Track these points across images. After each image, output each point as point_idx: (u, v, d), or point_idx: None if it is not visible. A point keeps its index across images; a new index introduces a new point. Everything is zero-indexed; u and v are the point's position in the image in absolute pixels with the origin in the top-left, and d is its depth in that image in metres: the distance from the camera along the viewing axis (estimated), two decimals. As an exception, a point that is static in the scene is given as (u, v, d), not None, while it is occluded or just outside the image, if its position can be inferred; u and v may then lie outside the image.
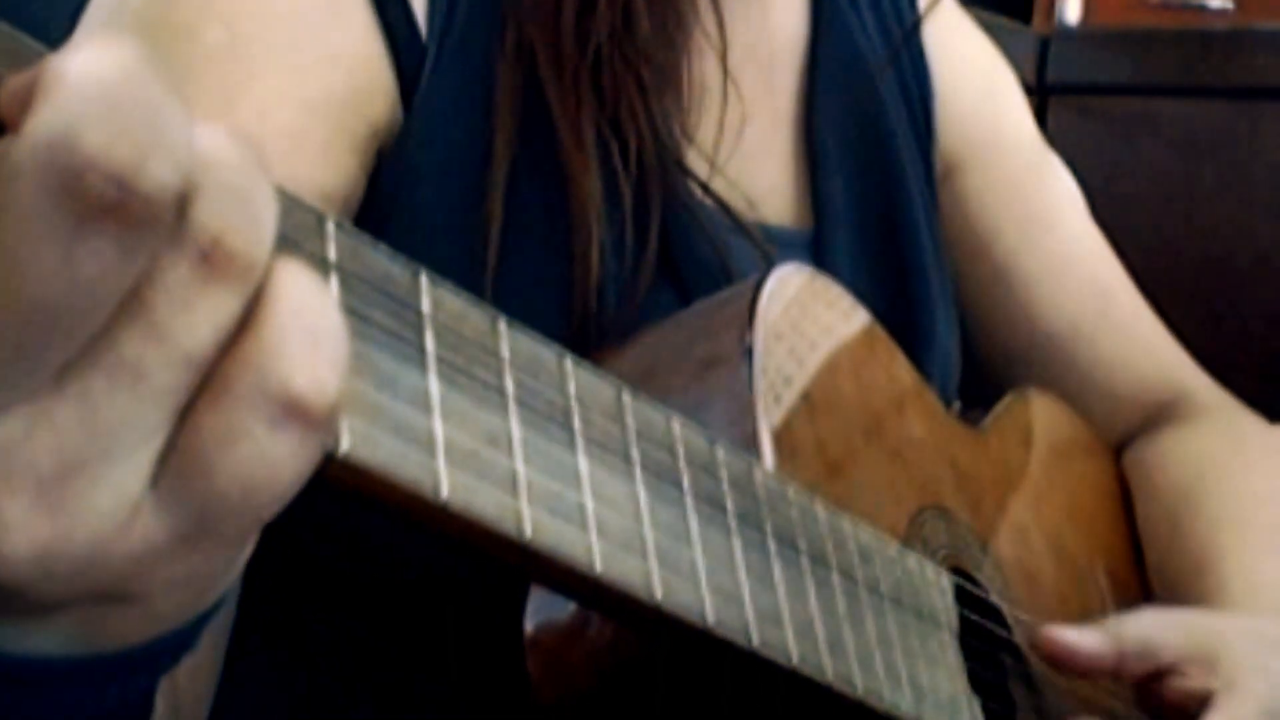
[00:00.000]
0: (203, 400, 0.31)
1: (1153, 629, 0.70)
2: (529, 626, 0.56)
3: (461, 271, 0.67)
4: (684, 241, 0.73)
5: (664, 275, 0.72)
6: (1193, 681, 0.68)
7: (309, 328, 0.32)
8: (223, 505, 0.31)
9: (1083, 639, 0.69)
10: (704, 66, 0.77)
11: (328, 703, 0.73)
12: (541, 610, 0.56)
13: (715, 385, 0.62)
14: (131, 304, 0.30)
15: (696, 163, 0.75)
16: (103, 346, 0.30)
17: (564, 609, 0.56)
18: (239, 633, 0.64)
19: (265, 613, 0.70)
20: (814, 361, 0.66)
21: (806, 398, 0.64)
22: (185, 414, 0.31)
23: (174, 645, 0.36)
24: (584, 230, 0.69)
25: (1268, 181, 1.41)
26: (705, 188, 0.75)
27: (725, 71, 0.77)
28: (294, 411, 0.31)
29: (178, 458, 0.31)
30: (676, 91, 0.74)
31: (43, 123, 0.28)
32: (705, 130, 0.76)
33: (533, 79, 0.71)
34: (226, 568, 0.35)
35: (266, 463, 0.31)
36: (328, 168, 0.66)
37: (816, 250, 0.81)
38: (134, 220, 0.28)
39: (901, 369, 0.75)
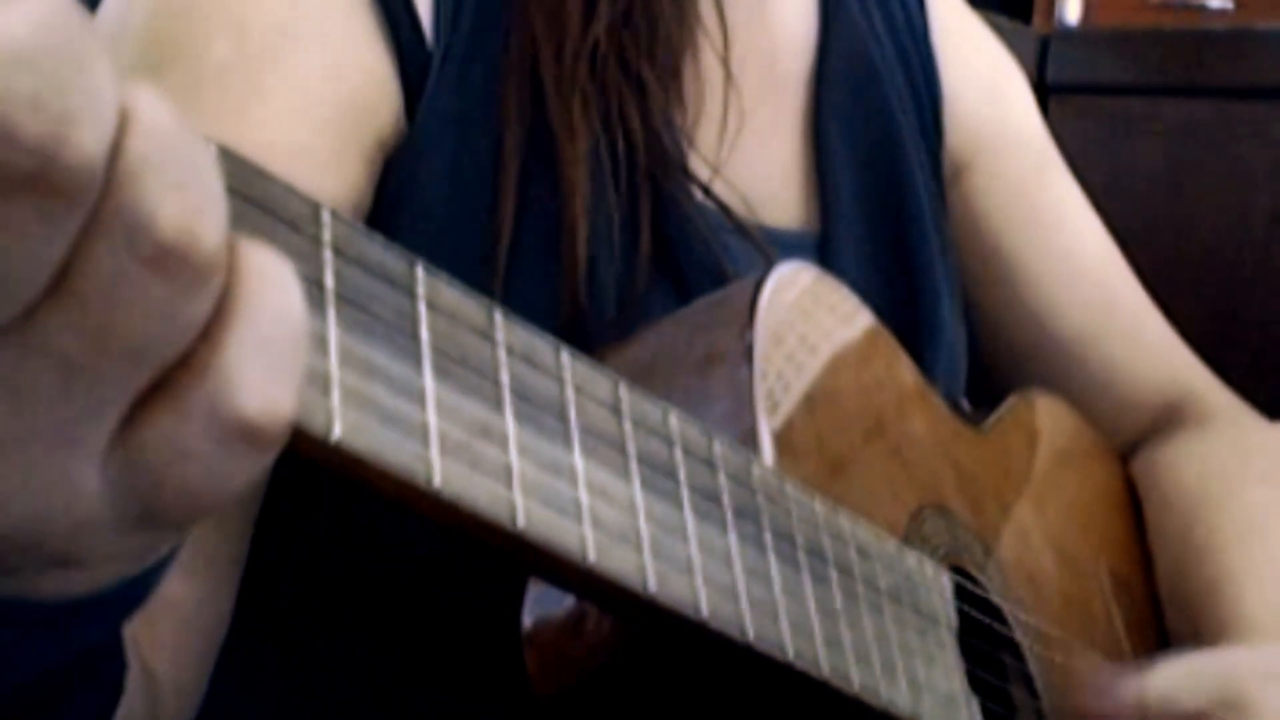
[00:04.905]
0: (153, 405, 0.30)
1: (1176, 681, 0.69)
2: (527, 620, 0.56)
3: (469, 277, 0.67)
4: (684, 244, 0.73)
5: (665, 278, 0.72)
6: None
7: (271, 343, 0.30)
8: (167, 508, 0.31)
9: (1115, 687, 0.68)
10: (705, 66, 0.77)
11: (324, 699, 0.73)
12: (540, 604, 0.56)
13: (716, 382, 0.62)
14: (61, 288, 0.28)
15: (697, 164, 0.75)
16: (29, 329, 0.28)
17: (562, 603, 0.56)
18: (235, 633, 0.64)
19: (261, 611, 0.70)
20: (815, 360, 0.66)
21: (807, 396, 0.64)
22: (136, 410, 0.30)
23: (125, 595, 0.36)
24: (571, 224, 0.69)
25: (1268, 181, 1.41)
26: (706, 190, 0.75)
27: (728, 73, 0.77)
28: (245, 436, 0.30)
29: (124, 455, 0.30)
30: (677, 91, 0.74)
31: None
32: (705, 131, 0.76)
33: (538, 79, 0.71)
34: (171, 542, 0.34)
35: (213, 477, 0.30)
36: (336, 179, 0.66)
37: (823, 251, 0.81)
38: (56, 193, 0.27)
39: (904, 369, 0.75)
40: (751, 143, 0.80)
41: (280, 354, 0.31)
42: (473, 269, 0.68)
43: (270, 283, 0.31)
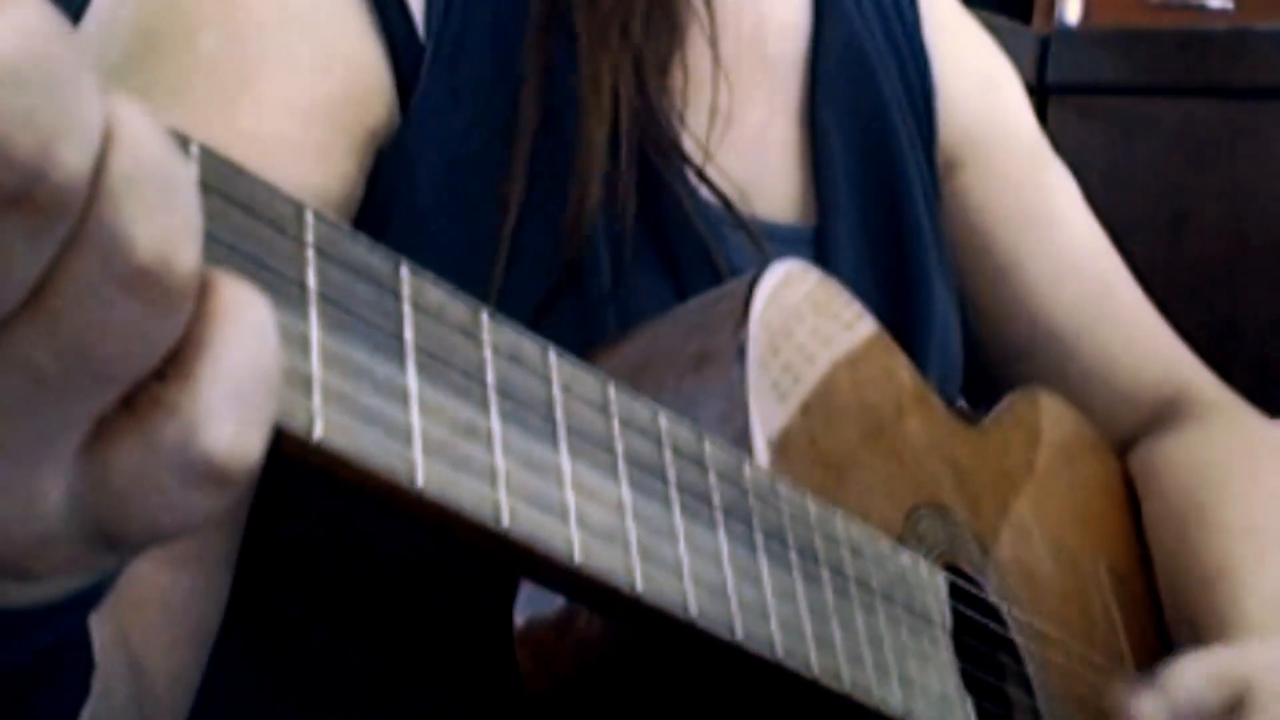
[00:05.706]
0: (123, 431, 0.30)
1: (1198, 683, 0.69)
2: (519, 619, 0.56)
3: (466, 265, 0.68)
4: (680, 235, 0.73)
5: (660, 267, 0.72)
6: None
7: (243, 387, 0.30)
8: (126, 532, 0.31)
9: (1140, 706, 0.67)
10: (696, 55, 0.77)
11: (318, 699, 0.73)
12: (532, 602, 0.56)
13: (709, 381, 0.62)
14: (36, 302, 0.28)
15: (690, 148, 0.75)
16: (3, 341, 0.28)
17: (554, 602, 0.56)
18: (230, 634, 0.64)
19: (255, 611, 0.70)
20: (811, 361, 0.66)
21: (801, 397, 0.64)
22: (104, 430, 0.30)
23: (76, 602, 0.36)
24: (583, 183, 0.69)
25: (1268, 182, 1.41)
26: (703, 176, 0.75)
27: (716, 60, 0.77)
28: (209, 476, 0.30)
29: (90, 475, 0.30)
30: (669, 76, 0.75)
31: None
32: (697, 119, 0.76)
33: (557, 53, 0.71)
34: (128, 560, 0.35)
35: (175, 510, 0.30)
36: (326, 171, 0.66)
37: (819, 246, 0.81)
38: (41, 211, 0.27)
39: (902, 369, 0.75)
40: (746, 134, 0.80)
41: (252, 398, 0.31)
42: (470, 255, 0.68)
43: (247, 326, 0.31)
